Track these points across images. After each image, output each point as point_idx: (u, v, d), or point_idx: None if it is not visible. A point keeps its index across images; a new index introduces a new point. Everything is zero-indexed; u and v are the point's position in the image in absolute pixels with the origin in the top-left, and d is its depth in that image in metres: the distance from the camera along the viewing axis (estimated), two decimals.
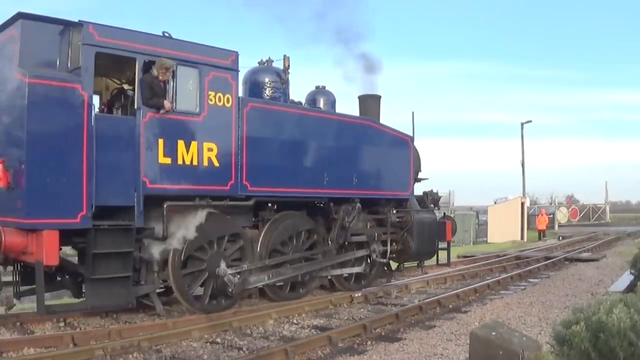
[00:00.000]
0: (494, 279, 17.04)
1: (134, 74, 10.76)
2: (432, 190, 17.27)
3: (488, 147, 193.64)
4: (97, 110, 10.47)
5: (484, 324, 5.66)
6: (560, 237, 40.01)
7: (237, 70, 11.89)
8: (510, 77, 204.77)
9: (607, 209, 69.59)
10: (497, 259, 23.54)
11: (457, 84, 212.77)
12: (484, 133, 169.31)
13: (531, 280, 17.88)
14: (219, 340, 10.12)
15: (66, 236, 9.66)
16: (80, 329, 10.81)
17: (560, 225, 55.92)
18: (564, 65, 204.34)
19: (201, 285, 11.71)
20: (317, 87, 15.45)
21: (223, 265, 11.68)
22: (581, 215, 65.96)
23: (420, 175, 16.95)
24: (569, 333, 5.17)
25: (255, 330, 10.94)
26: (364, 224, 14.73)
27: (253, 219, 12.76)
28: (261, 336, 10.49)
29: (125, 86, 11.47)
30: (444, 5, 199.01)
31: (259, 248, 12.59)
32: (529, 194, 56.54)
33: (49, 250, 9.17)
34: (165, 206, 10.72)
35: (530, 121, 48.11)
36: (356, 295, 13.88)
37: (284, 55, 13.49)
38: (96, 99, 11.24)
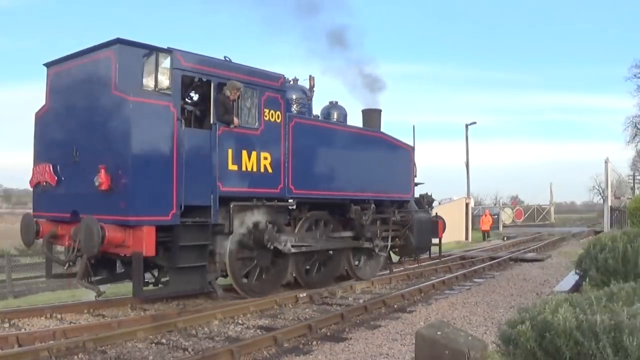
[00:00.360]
0: (439, 279, 17.13)
1: (193, 92, 13.17)
2: (427, 193, 19.85)
3: (433, 148, 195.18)
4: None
5: (430, 323, 5.63)
6: (505, 238, 40.45)
7: (284, 91, 14.01)
8: (455, 79, 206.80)
9: (552, 209, 70.62)
10: (441, 259, 23.60)
11: (401, 85, 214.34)
12: (429, 134, 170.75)
13: (476, 280, 18.01)
14: (164, 341, 10.05)
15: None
16: (25, 329, 10.69)
17: (504, 226, 56.56)
18: (509, 67, 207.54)
19: (246, 275, 13.65)
20: (330, 102, 17.02)
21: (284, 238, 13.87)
22: (526, 215, 66.79)
23: (415, 180, 18.65)
24: (514, 332, 5.16)
25: (201, 330, 10.88)
26: (374, 222, 16.72)
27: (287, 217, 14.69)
28: (206, 337, 10.44)
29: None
30: (387, 6, 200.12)
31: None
32: (473, 195, 56.98)
33: (148, 243, 10.84)
34: (231, 206, 12.67)
35: (475, 122, 48.20)
36: (301, 295, 13.93)
37: (310, 75, 15.62)
38: None
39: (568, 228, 52.98)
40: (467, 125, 47.70)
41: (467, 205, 43.24)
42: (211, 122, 12.29)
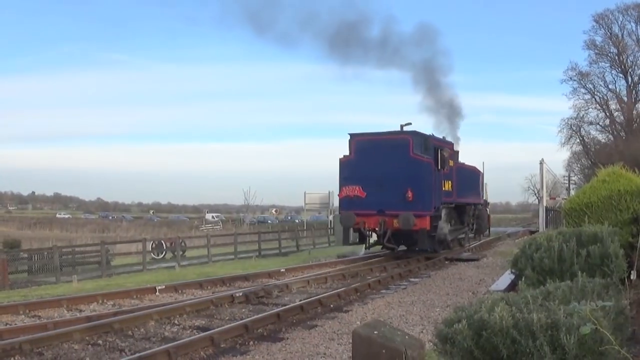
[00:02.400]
0: (375, 279, 17.27)
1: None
2: (485, 198, 34.36)
3: None
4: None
5: (366, 322, 5.58)
6: None
7: (453, 149, 26.83)
8: (390, 80, 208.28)
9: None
10: (377, 259, 23.65)
11: (331, 85, 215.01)
12: None
13: (412, 279, 18.16)
14: (100, 342, 10.01)
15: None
16: None
17: None
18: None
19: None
20: None
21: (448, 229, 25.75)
22: None
23: None
24: (451, 331, 5.14)
25: (137, 331, 10.84)
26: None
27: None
28: (143, 337, 10.41)
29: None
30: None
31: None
32: None
33: (428, 224, 22.45)
34: (442, 207, 24.01)
35: (410, 123, 48.56)
36: (237, 295, 13.92)
37: (443, 136, 27.96)
38: None
39: (503, 228, 53.67)
40: (402, 126, 47.84)
41: None
42: (439, 167, 23.63)
